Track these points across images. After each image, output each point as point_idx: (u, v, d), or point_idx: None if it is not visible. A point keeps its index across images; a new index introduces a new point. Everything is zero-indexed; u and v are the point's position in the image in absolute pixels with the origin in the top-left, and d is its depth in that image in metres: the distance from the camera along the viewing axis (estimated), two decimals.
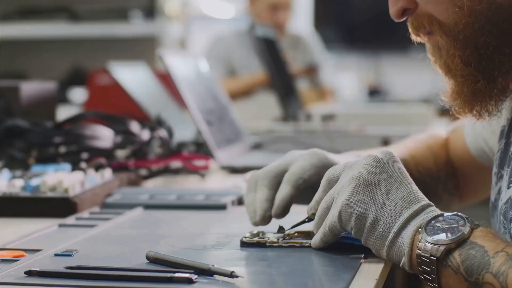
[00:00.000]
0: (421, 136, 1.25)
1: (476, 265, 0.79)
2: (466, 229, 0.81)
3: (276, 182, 0.99)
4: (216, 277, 0.78)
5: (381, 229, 0.85)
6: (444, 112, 4.09)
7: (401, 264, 0.84)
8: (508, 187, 0.94)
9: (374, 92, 5.09)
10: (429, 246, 0.81)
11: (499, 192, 0.98)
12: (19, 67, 4.35)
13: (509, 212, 0.93)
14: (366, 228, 0.85)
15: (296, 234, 0.95)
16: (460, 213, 0.84)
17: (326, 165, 0.99)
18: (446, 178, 1.19)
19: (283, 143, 1.92)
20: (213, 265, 0.79)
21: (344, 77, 4.98)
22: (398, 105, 3.67)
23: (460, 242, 0.81)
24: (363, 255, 0.88)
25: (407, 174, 0.89)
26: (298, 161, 1.01)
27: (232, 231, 1.02)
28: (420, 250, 0.82)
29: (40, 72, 4.27)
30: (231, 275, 0.78)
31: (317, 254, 0.90)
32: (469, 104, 0.94)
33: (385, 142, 1.90)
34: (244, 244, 0.93)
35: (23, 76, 4.19)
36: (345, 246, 0.90)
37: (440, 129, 1.29)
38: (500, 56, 0.91)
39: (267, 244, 0.92)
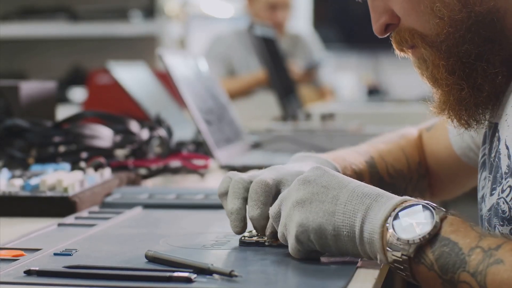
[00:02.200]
0: (392, 136, 1.24)
1: (451, 264, 0.78)
2: (435, 223, 0.80)
3: (270, 198, 0.96)
4: (215, 276, 0.78)
5: (345, 233, 0.83)
6: None
7: (378, 261, 0.83)
8: (491, 194, 0.94)
9: (373, 92, 5.09)
10: (399, 244, 0.80)
11: (482, 198, 0.98)
12: (18, 66, 4.35)
13: (493, 219, 0.93)
14: (330, 239, 0.84)
15: None
16: (426, 203, 0.82)
17: None
18: (418, 178, 1.19)
19: (283, 142, 1.92)
20: (212, 264, 0.79)
21: (343, 76, 4.98)
22: (397, 105, 3.67)
23: (431, 238, 0.79)
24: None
25: (344, 176, 0.88)
26: (287, 184, 0.97)
27: (231, 230, 1.02)
28: (391, 249, 0.81)
29: (40, 71, 4.28)
30: (230, 274, 0.78)
31: (317, 254, 0.90)
32: (456, 114, 0.94)
33: None
34: (243, 244, 0.93)
35: (23, 75, 4.19)
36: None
37: (411, 127, 1.28)
38: (482, 63, 0.91)
39: (266, 243, 0.93)
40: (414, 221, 0.81)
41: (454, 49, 0.91)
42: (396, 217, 0.81)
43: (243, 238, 0.94)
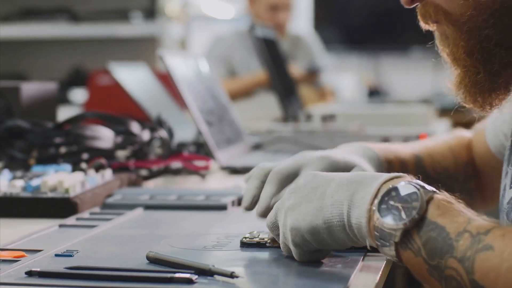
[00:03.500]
0: (444, 136, 1.25)
1: (439, 249, 0.76)
2: (421, 205, 0.78)
3: (286, 183, 1.00)
4: (216, 277, 0.78)
5: (335, 223, 0.83)
6: (444, 112, 4.10)
7: (368, 246, 0.82)
8: (511, 187, 0.94)
9: (374, 93, 5.09)
10: (385, 230, 0.79)
11: (504, 190, 0.98)
12: (19, 67, 4.35)
13: (511, 213, 0.93)
14: (324, 233, 0.84)
15: None
16: (413, 183, 0.80)
17: (335, 171, 0.99)
18: (464, 179, 1.18)
19: (283, 143, 1.93)
20: (213, 266, 0.79)
21: (344, 77, 4.98)
22: (398, 106, 3.67)
23: (417, 221, 0.78)
24: (363, 255, 0.88)
25: (335, 173, 0.87)
26: (309, 167, 1.01)
27: (232, 231, 1.02)
28: (378, 233, 0.80)
29: (41, 72, 4.28)
30: (231, 275, 0.78)
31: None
32: (471, 95, 0.94)
33: (385, 142, 1.90)
34: (244, 245, 0.93)
35: (24, 76, 4.20)
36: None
37: (465, 131, 1.28)
38: (501, 50, 0.91)
39: (267, 244, 0.93)
40: (400, 204, 0.79)
41: (475, 32, 0.91)
42: (381, 200, 0.80)
43: (244, 239, 0.94)
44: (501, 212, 0.98)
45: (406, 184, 0.80)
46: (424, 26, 0.98)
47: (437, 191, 0.80)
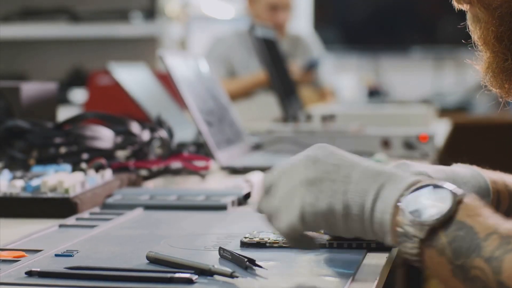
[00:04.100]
0: None
1: (465, 248, 0.74)
2: (451, 206, 0.77)
3: None
4: (216, 277, 0.78)
5: (355, 212, 0.81)
6: (444, 112, 4.10)
7: (385, 243, 0.80)
8: None
9: (374, 93, 5.09)
10: (411, 225, 0.77)
11: None
12: (19, 67, 4.35)
13: None
14: (339, 219, 0.81)
15: None
16: (443, 184, 0.79)
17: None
18: None
19: (283, 143, 1.93)
20: (213, 266, 0.79)
21: (344, 77, 4.98)
22: (398, 106, 3.67)
23: (445, 220, 0.76)
24: (363, 255, 0.89)
25: (354, 156, 0.85)
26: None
27: (233, 231, 1.02)
28: (402, 229, 0.78)
29: (41, 72, 4.28)
30: (231, 275, 0.78)
31: (318, 255, 0.90)
32: (497, 81, 0.94)
33: (385, 142, 1.90)
34: (244, 245, 0.93)
35: (24, 76, 4.19)
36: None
37: None
38: None
39: (267, 244, 0.93)
40: (429, 202, 0.77)
41: (506, 18, 0.91)
42: (410, 197, 0.78)
43: (244, 239, 0.94)
44: None
45: (436, 185, 0.79)
46: (457, 5, 0.95)
47: (468, 194, 0.79)
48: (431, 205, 0.77)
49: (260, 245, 0.93)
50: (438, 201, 0.77)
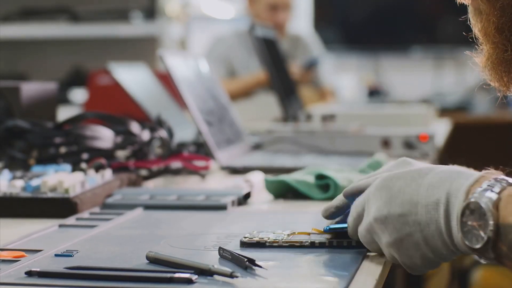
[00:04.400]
0: None
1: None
2: (490, 218, 0.79)
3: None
4: (216, 277, 0.78)
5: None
6: (444, 112, 4.10)
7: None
8: None
9: (374, 93, 5.09)
10: (477, 252, 0.80)
11: None
12: (19, 67, 4.35)
13: None
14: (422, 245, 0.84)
15: (295, 233, 0.95)
16: (480, 188, 0.81)
17: None
18: None
19: (283, 143, 1.93)
20: (213, 266, 0.79)
21: (344, 77, 4.98)
22: (398, 106, 3.66)
23: (496, 231, 0.78)
24: (363, 255, 0.88)
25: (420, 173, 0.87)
26: None
27: (232, 231, 1.02)
28: (476, 255, 0.81)
29: (41, 72, 4.28)
30: (231, 275, 0.78)
31: (318, 254, 0.90)
32: (497, 73, 0.95)
33: (385, 142, 1.90)
34: (244, 244, 0.93)
35: (24, 76, 4.19)
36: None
37: None
38: None
39: (267, 244, 0.93)
40: (475, 222, 0.80)
41: (508, 9, 0.92)
42: (461, 223, 0.81)
43: (243, 238, 0.94)
44: None
45: (478, 194, 0.80)
46: None
47: (509, 183, 0.81)
48: (478, 226, 0.80)
49: (260, 244, 0.92)
50: (482, 219, 0.80)
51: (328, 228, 0.93)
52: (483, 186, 0.81)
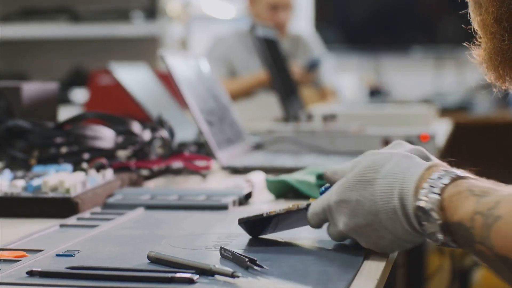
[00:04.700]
0: None
1: (465, 241, 0.82)
2: (438, 219, 0.83)
3: None
4: (217, 277, 0.78)
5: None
6: (445, 112, 4.10)
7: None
8: None
9: (375, 93, 5.09)
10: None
11: None
12: (20, 67, 4.35)
13: None
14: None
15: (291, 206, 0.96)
16: (424, 189, 0.84)
17: None
18: None
19: (284, 143, 1.93)
20: (214, 265, 0.79)
21: (344, 77, 4.98)
22: (399, 106, 3.66)
23: (446, 231, 0.83)
24: (364, 255, 0.89)
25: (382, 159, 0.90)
26: None
27: (233, 231, 1.02)
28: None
29: (42, 72, 4.28)
30: (232, 275, 0.78)
31: (318, 254, 0.90)
32: (493, 63, 0.96)
33: (386, 142, 1.90)
34: (242, 221, 0.94)
35: (24, 76, 4.20)
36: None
37: None
38: None
39: (264, 215, 0.93)
40: (428, 223, 0.84)
41: (507, 1, 0.93)
42: (418, 222, 0.85)
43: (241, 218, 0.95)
44: None
45: (423, 196, 0.84)
46: None
47: (451, 179, 0.84)
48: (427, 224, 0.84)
49: (257, 218, 0.93)
50: (430, 220, 0.84)
51: (323, 189, 0.95)
52: (425, 186, 0.84)
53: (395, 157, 0.89)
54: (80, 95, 3.93)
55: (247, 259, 0.82)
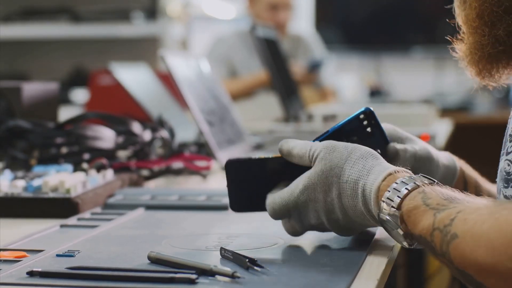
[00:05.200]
0: None
1: (430, 252, 0.83)
2: (401, 231, 0.85)
3: None
4: (218, 277, 0.78)
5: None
6: (445, 112, 4.10)
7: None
8: (500, 159, 0.96)
9: (375, 93, 5.09)
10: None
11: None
12: (21, 67, 4.35)
13: (499, 184, 0.96)
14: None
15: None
16: (383, 202, 0.86)
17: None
18: None
19: None
20: (214, 266, 0.79)
21: (345, 77, 4.98)
22: (399, 106, 3.66)
23: (411, 239, 0.85)
24: (365, 256, 0.89)
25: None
26: None
27: (234, 231, 1.02)
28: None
29: (42, 72, 4.28)
30: (233, 275, 0.78)
31: (318, 255, 0.90)
32: (474, 60, 0.98)
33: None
34: (228, 162, 0.96)
35: (25, 76, 4.20)
36: None
37: None
38: (509, 17, 0.94)
39: (252, 159, 0.96)
40: (393, 230, 0.87)
41: None
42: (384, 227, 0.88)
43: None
44: (497, 182, 0.99)
45: (383, 210, 0.87)
46: None
47: (407, 192, 0.86)
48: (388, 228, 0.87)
49: (245, 160, 0.96)
50: (394, 231, 0.87)
51: (314, 140, 0.97)
52: (384, 199, 0.87)
53: (353, 157, 0.92)
54: (80, 95, 3.93)
55: (247, 260, 0.82)
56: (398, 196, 0.86)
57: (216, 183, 1.53)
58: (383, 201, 0.86)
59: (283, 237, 0.97)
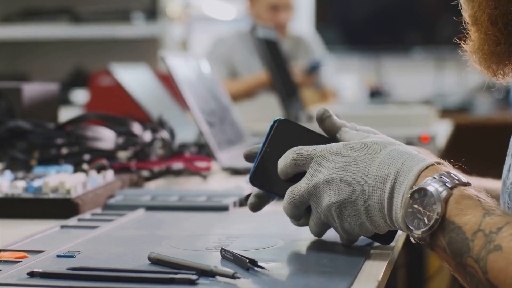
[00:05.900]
0: None
1: (459, 249, 0.80)
2: (438, 209, 0.81)
3: None
4: (218, 278, 0.78)
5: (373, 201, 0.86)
6: (445, 113, 4.10)
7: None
8: None
9: (376, 93, 5.09)
10: (414, 234, 0.84)
11: (508, 171, 0.98)
12: (21, 68, 4.36)
13: None
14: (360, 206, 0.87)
15: None
16: (433, 178, 0.83)
17: None
18: None
19: None
20: (215, 266, 0.79)
21: (345, 78, 4.98)
22: (400, 106, 3.66)
23: (440, 222, 0.82)
24: (365, 256, 0.89)
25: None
26: None
27: (234, 232, 1.02)
28: (411, 235, 0.84)
29: (42, 73, 4.28)
30: (233, 276, 0.78)
31: (319, 255, 0.90)
32: (486, 62, 0.95)
33: None
34: (280, 121, 0.98)
35: (25, 77, 4.20)
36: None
37: None
38: None
39: (305, 127, 0.97)
40: (422, 207, 0.82)
41: (502, 1, 0.92)
42: (409, 202, 0.83)
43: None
44: (502, 193, 0.98)
45: (430, 182, 0.83)
46: None
47: (460, 182, 0.83)
48: (424, 212, 0.83)
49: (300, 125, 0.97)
50: (429, 205, 0.82)
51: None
52: (436, 176, 0.83)
53: (395, 144, 0.90)
54: (80, 96, 3.94)
55: (247, 260, 0.82)
56: (453, 181, 0.83)
57: (217, 184, 1.53)
58: (434, 177, 0.83)
59: (283, 238, 0.97)
